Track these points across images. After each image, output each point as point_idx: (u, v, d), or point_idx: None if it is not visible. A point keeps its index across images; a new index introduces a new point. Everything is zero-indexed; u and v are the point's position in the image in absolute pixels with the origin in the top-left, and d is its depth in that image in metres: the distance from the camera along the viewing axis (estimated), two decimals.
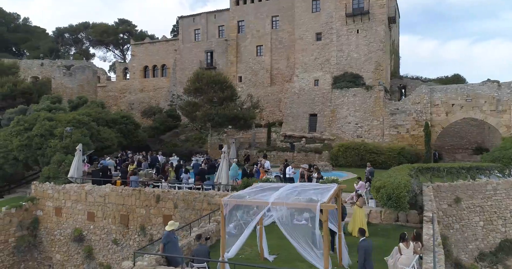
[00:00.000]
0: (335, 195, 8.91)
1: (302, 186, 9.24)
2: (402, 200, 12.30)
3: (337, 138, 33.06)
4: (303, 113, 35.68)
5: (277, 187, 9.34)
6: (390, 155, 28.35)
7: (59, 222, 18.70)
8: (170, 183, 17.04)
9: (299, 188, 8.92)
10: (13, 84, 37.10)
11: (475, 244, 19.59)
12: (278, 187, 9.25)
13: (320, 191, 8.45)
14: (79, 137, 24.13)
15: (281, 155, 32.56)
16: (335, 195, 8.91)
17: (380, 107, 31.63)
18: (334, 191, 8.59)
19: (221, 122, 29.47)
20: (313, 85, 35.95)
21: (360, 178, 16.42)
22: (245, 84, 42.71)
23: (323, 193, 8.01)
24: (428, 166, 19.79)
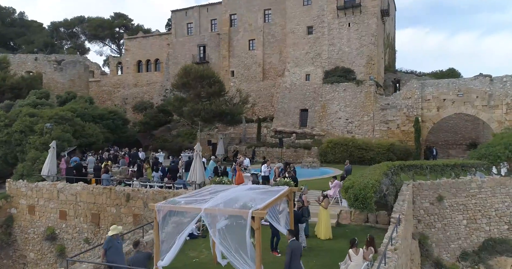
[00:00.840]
0: (281, 198, 8.50)
1: (251, 188, 8.83)
2: (368, 201, 11.85)
3: (327, 133, 32.54)
4: (294, 108, 35.14)
5: (225, 189, 8.95)
6: (379, 151, 27.79)
7: (33, 220, 18.50)
8: (142, 182, 16.70)
9: (246, 191, 8.52)
10: (2, 79, 36.92)
11: (458, 243, 19.14)
12: (226, 190, 8.86)
13: (263, 196, 8.04)
14: (60, 133, 23.88)
15: (271, 151, 32.15)
16: (281, 198, 8.50)
17: (370, 102, 31.00)
18: (280, 195, 8.18)
19: (208, 118, 29.05)
20: (304, 80, 35.35)
21: (335, 177, 15.95)
22: (237, 78, 42.17)
23: (264, 198, 7.60)
24: (410, 163, 19.25)
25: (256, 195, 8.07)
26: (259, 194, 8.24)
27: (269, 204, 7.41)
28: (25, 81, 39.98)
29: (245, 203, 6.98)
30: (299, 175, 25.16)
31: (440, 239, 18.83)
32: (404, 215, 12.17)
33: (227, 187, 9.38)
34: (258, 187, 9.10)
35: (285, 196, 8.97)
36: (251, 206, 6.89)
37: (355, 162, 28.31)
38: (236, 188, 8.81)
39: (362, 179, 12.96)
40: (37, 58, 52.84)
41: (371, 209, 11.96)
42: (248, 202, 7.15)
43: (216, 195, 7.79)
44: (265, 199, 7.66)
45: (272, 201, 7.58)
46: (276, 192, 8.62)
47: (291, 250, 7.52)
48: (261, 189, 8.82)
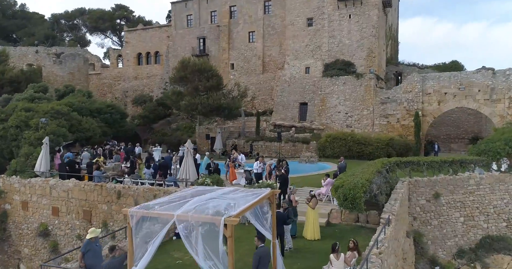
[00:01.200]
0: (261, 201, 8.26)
1: (233, 191, 8.58)
2: (357, 201, 11.58)
3: (326, 127, 32.17)
4: (293, 102, 34.74)
5: (206, 191, 8.74)
6: (378, 146, 27.41)
7: (26, 216, 18.53)
8: (133, 179, 16.57)
9: (226, 194, 8.29)
10: (1, 72, 36.89)
11: (454, 240, 18.88)
12: (206, 193, 8.65)
13: (242, 200, 7.81)
14: (54, 128, 23.79)
15: (269, 145, 31.92)
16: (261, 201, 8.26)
17: (370, 96, 30.50)
18: (260, 199, 7.94)
19: (205, 112, 28.80)
20: (304, 73, 34.84)
21: (328, 175, 15.68)
22: (237, 71, 41.74)
23: (241, 204, 7.37)
24: (407, 159, 18.88)
25: (234, 199, 7.83)
26: (238, 198, 8.01)
27: (244, 210, 7.17)
28: (24, 75, 39.94)
29: (218, 209, 6.75)
30: (296, 170, 25.16)
31: (436, 236, 18.57)
32: (395, 215, 11.92)
33: (209, 189, 9.16)
34: (240, 189, 8.85)
35: (267, 198, 8.74)
36: (224, 213, 6.66)
37: (354, 157, 28.07)
38: (217, 190, 8.58)
39: (353, 178, 12.67)
40: (38, 51, 52.68)
41: (360, 209, 11.71)
42: (222, 208, 6.92)
43: (193, 199, 7.57)
44: (242, 204, 7.42)
45: (248, 206, 7.33)
46: (258, 195, 8.38)
47: (258, 257, 7.33)
48: (243, 192, 8.58)
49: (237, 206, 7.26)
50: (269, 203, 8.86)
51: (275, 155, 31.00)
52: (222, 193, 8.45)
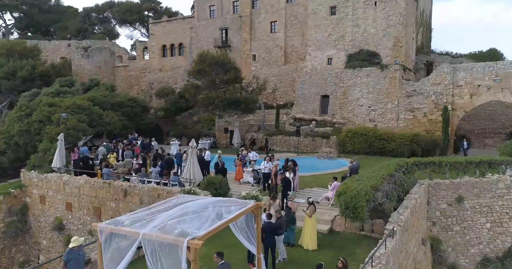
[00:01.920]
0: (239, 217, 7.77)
1: (215, 203, 8.13)
2: (359, 211, 10.80)
3: (348, 121, 30.90)
4: (314, 94, 33.60)
5: (188, 201, 8.39)
6: (401, 142, 25.96)
7: (44, 209, 19.23)
8: (140, 177, 16.60)
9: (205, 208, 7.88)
10: (32, 67, 38.33)
11: (479, 248, 17.54)
12: (186, 203, 8.31)
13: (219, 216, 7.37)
14: (75, 123, 24.41)
15: (287, 140, 31.20)
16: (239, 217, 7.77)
17: (395, 88, 28.80)
18: (235, 216, 7.45)
19: (221, 106, 28.47)
20: (326, 64, 33.48)
21: (335, 178, 14.85)
22: (258, 63, 40.97)
23: (213, 221, 6.92)
24: (427, 160, 17.59)
25: (209, 215, 7.40)
26: (218, 213, 7.58)
27: (215, 229, 6.72)
28: (54, 69, 41.34)
29: (184, 229, 6.33)
30: (313, 167, 24.40)
31: (457, 243, 17.32)
32: (401, 226, 11.02)
33: (192, 200, 8.78)
34: (223, 201, 8.37)
35: (251, 212, 8.23)
36: (189, 233, 6.24)
37: (376, 153, 26.85)
38: (197, 201, 8.17)
39: (357, 184, 11.84)
40: (70, 44, 54.45)
41: (362, 219, 10.92)
42: (191, 227, 6.50)
43: (165, 213, 7.21)
44: (216, 221, 6.98)
45: (220, 224, 6.88)
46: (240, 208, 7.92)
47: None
48: (226, 204, 8.11)
49: (210, 224, 6.83)
50: (254, 216, 8.36)
51: (294, 149, 30.31)
52: (202, 204, 8.04)
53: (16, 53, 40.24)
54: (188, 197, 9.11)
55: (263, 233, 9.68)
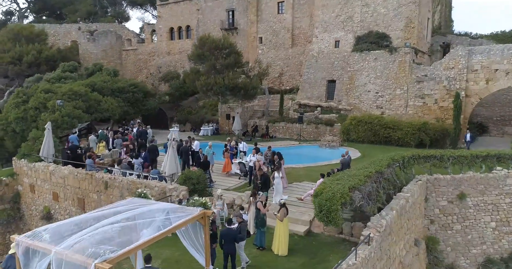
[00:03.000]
0: (179, 227, 7.03)
1: (158, 212, 7.40)
2: (333, 215, 9.85)
3: (354, 108, 29.39)
4: (321, 79, 32.07)
5: (136, 207, 7.72)
6: (408, 131, 24.44)
7: (34, 198, 19.22)
8: (122, 169, 16.08)
9: (144, 217, 7.17)
10: (38, 52, 38.30)
11: (481, 248, 16.35)
12: (134, 209, 7.63)
13: (154, 226, 6.64)
14: (70, 110, 24.14)
15: (290, 127, 30.10)
16: (179, 227, 7.03)
17: (405, 73, 26.94)
18: (168, 230, 6.69)
19: (220, 92, 27.53)
20: (333, 47, 31.72)
21: (323, 175, 13.83)
22: (265, 46, 39.44)
23: (141, 235, 6.21)
24: (427, 153, 16.25)
25: (145, 226, 6.69)
26: (155, 224, 6.86)
27: (137, 247, 6.00)
28: (60, 53, 41.21)
29: (96, 250, 5.62)
30: (313, 157, 23.33)
31: (458, 243, 16.16)
32: (380, 232, 10.02)
33: (141, 204, 8.09)
34: (169, 209, 7.61)
35: (195, 220, 7.47)
36: (101, 254, 5.54)
37: (381, 142, 25.52)
38: (138, 210, 7.46)
39: (336, 184, 10.83)
40: (80, 27, 54.21)
41: (336, 224, 9.97)
42: (108, 244, 5.80)
43: (90, 226, 6.54)
44: (144, 235, 6.26)
45: (140, 244, 6.15)
46: (182, 217, 7.17)
47: None
48: (169, 213, 7.37)
49: (137, 239, 6.12)
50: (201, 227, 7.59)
51: (296, 137, 29.24)
52: (143, 214, 7.32)
53: (23, 37, 40.25)
54: (137, 201, 8.43)
55: (222, 240, 8.96)
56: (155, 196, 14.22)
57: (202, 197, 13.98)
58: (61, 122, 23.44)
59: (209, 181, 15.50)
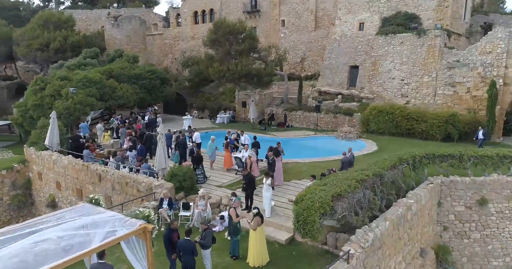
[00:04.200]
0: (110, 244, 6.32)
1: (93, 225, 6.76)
2: (309, 227, 8.76)
3: (377, 96, 27.29)
4: (343, 65, 30.03)
5: (69, 220, 7.16)
6: (433, 123, 22.28)
7: (41, 185, 19.62)
8: (116, 161, 15.78)
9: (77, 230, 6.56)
10: (64, 38, 39.05)
11: (504, 260, 14.59)
12: (76, 219, 7.06)
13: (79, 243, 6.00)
14: (82, 98, 24.30)
15: (308, 116, 28.64)
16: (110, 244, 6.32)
17: (434, 58, 24.37)
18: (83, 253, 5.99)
19: (233, 79, 26.52)
20: (357, 30, 29.41)
21: (314, 177, 12.61)
22: (288, 29, 37.58)
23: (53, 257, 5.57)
24: (444, 153, 14.43)
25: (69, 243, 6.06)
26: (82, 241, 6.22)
27: None
28: (86, 39, 41.81)
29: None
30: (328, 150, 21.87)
31: (475, 253, 14.48)
32: (365, 248, 8.82)
33: (87, 212, 7.51)
34: (111, 220, 6.95)
35: (134, 235, 6.74)
36: None
37: (403, 135, 23.60)
38: (75, 222, 6.84)
39: (319, 190, 9.66)
40: (110, 13, 54.82)
41: (313, 237, 8.87)
42: None
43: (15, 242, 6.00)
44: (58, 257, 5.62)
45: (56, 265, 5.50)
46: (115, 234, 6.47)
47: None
48: (105, 226, 6.69)
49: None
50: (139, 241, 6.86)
51: (313, 126, 27.80)
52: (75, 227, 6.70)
53: (52, 24, 41.16)
54: (86, 209, 7.85)
55: (179, 252, 8.23)
56: (143, 192, 13.80)
57: (190, 194, 13.46)
58: (73, 110, 23.68)
59: (202, 176, 14.80)
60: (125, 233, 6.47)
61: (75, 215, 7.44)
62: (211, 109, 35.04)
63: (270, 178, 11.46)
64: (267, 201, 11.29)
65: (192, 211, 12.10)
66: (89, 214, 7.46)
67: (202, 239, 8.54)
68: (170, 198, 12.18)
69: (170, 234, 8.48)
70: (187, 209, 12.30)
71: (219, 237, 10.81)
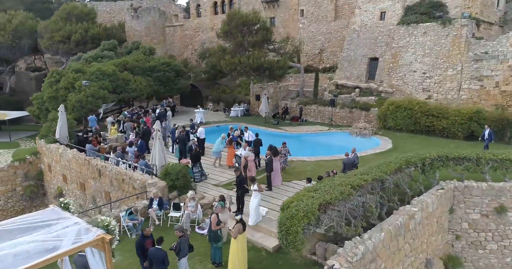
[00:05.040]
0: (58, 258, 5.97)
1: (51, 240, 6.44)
2: (291, 238, 8.10)
3: (396, 90, 25.78)
4: (361, 56, 28.58)
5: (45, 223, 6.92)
6: (456, 120, 20.73)
7: (51, 177, 19.97)
8: (116, 157, 15.63)
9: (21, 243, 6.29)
10: (84, 30, 39.60)
11: None
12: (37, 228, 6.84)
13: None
14: (94, 90, 24.46)
15: (322, 110, 27.56)
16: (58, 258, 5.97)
17: (459, 50, 22.57)
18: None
19: (243, 72, 25.84)
20: (378, 20, 27.81)
21: (310, 180, 11.81)
22: (306, 19, 36.26)
23: None
24: (459, 155, 13.21)
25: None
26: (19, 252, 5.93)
27: None
28: (106, 32, 42.24)
29: None
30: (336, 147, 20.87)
31: (491, 265, 13.33)
32: (353, 262, 8.07)
33: (50, 218, 7.24)
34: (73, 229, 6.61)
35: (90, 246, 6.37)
36: None
37: (422, 132, 22.22)
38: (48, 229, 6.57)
39: (308, 196, 8.93)
40: (132, 4, 55.24)
41: (296, 247, 8.18)
42: None
43: None
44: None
45: None
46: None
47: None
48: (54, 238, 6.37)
49: None
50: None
51: (328, 121, 26.73)
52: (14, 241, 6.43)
53: (74, 16, 41.85)
54: (53, 214, 7.60)
55: (150, 262, 7.83)
56: (138, 189, 13.58)
57: (183, 194, 13.07)
58: (85, 103, 23.90)
59: (199, 175, 14.39)
60: (76, 246, 6.07)
61: (39, 221, 7.20)
62: (226, 102, 34.59)
63: (257, 183, 10.74)
64: (253, 208, 10.59)
65: (182, 211, 11.70)
66: (53, 220, 7.18)
67: (176, 248, 8.08)
68: (160, 198, 11.84)
69: (142, 241, 8.10)
70: (178, 209, 11.93)
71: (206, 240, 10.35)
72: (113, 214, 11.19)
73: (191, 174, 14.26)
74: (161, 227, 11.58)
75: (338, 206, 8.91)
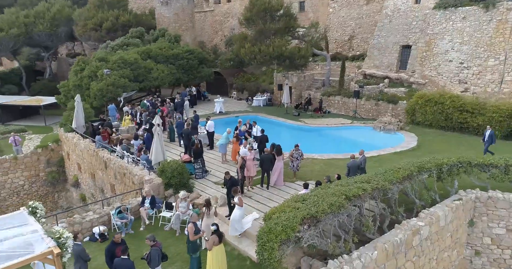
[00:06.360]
0: None
1: None
2: (266, 254, 7.39)
3: (429, 81, 23.66)
4: (393, 44, 26.45)
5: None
6: (493, 117, 18.61)
7: (69, 164, 20.54)
8: (121, 149, 15.55)
9: None
10: (115, 17, 40.16)
11: None
12: None
13: None
14: (115, 79, 24.68)
15: (346, 102, 26.04)
16: None
17: (504, 37, 20.05)
18: None
19: (263, 61, 24.87)
20: (412, 3, 25.42)
21: (307, 185, 10.88)
22: (337, 3, 34.15)
23: None
24: (482, 161, 11.68)
25: None
26: None
27: None
28: (136, 18, 42.59)
29: None
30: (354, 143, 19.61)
31: None
32: None
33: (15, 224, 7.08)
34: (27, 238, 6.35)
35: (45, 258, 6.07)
36: None
37: (455, 129, 20.30)
38: None
39: (292, 207, 8.13)
40: None
41: (271, 265, 7.46)
42: None
43: None
44: None
45: None
46: None
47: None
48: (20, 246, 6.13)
49: None
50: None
51: (352, 114, 25.23)
52: None
53: (106, 4, 42.56)
54: (18, 219, 7.43)
55: None
56: (137, 184, 13.41)
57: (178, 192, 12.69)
58: (106, 92, 24.21)
59: (200, 171, 13.96)
60: (19, 260, 5.78)
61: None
62: (249, 90, 33.83)
63: (239, 196, 9.92)
64: (235, 220, 9.81)
65: (174, 211, 11.35)
66: (14, 226, 6.99)
67: (147, 258, 7.69)
68: (153, 196, 11.55)
69: (112, 249, 7.78)
70: (170, 208, 11.59)
71: None
72: (105, 211, 11.05)
73: (192, 170, 13.86)
74: (152, 226, 11.33)
75: (325, 220, 8.03)
